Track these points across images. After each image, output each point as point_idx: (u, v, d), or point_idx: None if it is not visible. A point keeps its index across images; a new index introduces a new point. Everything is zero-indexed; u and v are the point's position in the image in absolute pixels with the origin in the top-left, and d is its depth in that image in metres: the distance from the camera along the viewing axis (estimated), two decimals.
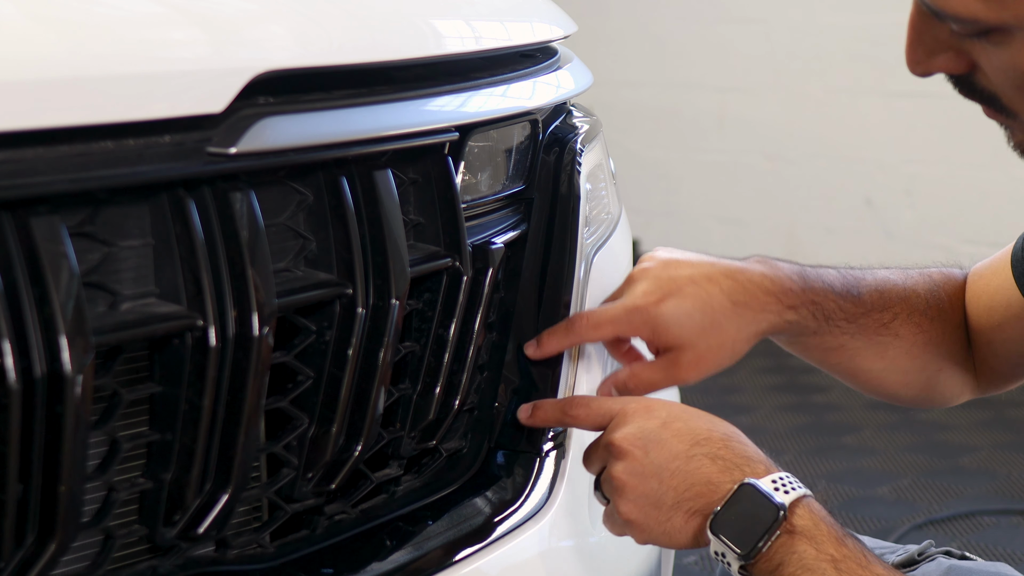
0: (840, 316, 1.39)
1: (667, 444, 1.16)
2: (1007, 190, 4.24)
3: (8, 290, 0.87)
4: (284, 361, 1.08)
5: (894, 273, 1.47)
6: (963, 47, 1.06)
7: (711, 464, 1.15)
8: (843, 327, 1.39)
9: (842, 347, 1.40)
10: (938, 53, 1.08)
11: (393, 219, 1.11)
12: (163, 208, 0.98)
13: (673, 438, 1.17)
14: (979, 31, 1.03)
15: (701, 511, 1.15)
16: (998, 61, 1.04)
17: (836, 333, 1.39)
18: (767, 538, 1.12)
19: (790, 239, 4.78)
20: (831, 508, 3.15)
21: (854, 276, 1.43)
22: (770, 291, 1.34)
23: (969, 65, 1.08)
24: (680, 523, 1.16)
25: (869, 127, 4.55)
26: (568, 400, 1.26)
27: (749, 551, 1.12)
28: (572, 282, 1.34)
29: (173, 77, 0.95)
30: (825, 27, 4.58)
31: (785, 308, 1.35)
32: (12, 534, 0.90)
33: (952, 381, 1.46)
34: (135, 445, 1.01)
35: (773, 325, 1.34)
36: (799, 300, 1.36)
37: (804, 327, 1.37)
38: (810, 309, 1.36)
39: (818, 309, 1.37)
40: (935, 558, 1.41)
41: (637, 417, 1.18)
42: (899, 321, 1.42)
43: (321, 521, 1.16)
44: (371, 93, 1.11)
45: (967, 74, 1.09)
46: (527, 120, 1.35)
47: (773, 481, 1.14)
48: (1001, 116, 1.10)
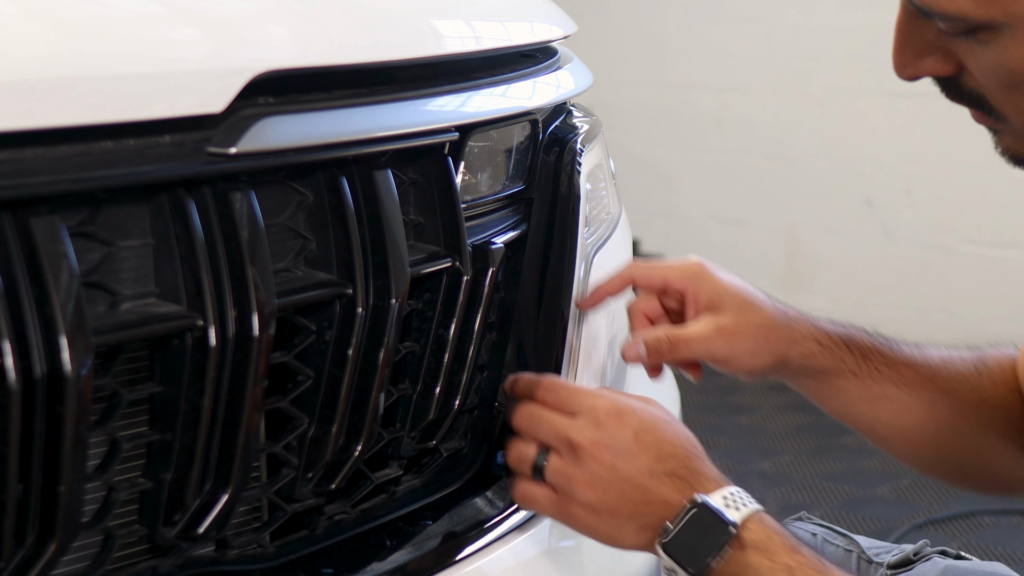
0: (878, 358, 1.37)
1: (635, 458, 1.16)
2: (1007, 190, 4.23)
3: (8, 290, 0.87)
4: (284, 361, 1.08)
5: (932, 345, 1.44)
6: (950, 48, 1.06)
7: (670, 483, 1.16)
8: (884, 372, 1.36)
9: (887, 397, 1.37)
10: (925, 56, 1.08)
11: (393, 219, 1.11)
12: (163, 208, 0.98)
13: (641, 453, 1.16)
14: (967, 29, 1.03)
15: (652, 526, 1.15)
16: (985, 61, 1.04)
17: (878, 378, 1.36)
18: (717, 555, 1.12)
19: (790, 239, 4.78)
20: (831, 508, 3.12)
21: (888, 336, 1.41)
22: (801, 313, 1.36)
23: (956, 67, 1.08)
24: (630, 534, 1.17)
25: (869, 127, 4.55)
26: (541, 380, 1.23)
27: (700, 569, 1.13)
28: (572, 282, 1.34)
29: (173, 77, 0.95)
30: (825, 27, 4.58)
31: (816, 330, 1.35)
32: (12, 534, 0.90)
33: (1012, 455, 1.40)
34: (135, 445, 1.01)
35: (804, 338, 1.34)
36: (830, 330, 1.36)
37: (840, 359, 1.35)
38: (844, 340, 1.36)
39: (852, 343, 1.36)
40: (931, 558, 1.41)
41: (609, 423, 1.17)
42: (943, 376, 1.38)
43: (321, 521, 1.16)
44: (371, 93, 1.11)
45: (954, 77, 1.08)
46: (527, 120, 1.35)
47: (724, 498, 1.15)
48: (989, 119, 1.10)
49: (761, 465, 3.52)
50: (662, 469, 1.16)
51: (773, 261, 4.84)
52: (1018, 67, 1.02)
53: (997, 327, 4.40)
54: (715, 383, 4.25)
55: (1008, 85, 1.04)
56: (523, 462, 1.20)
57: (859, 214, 4.61)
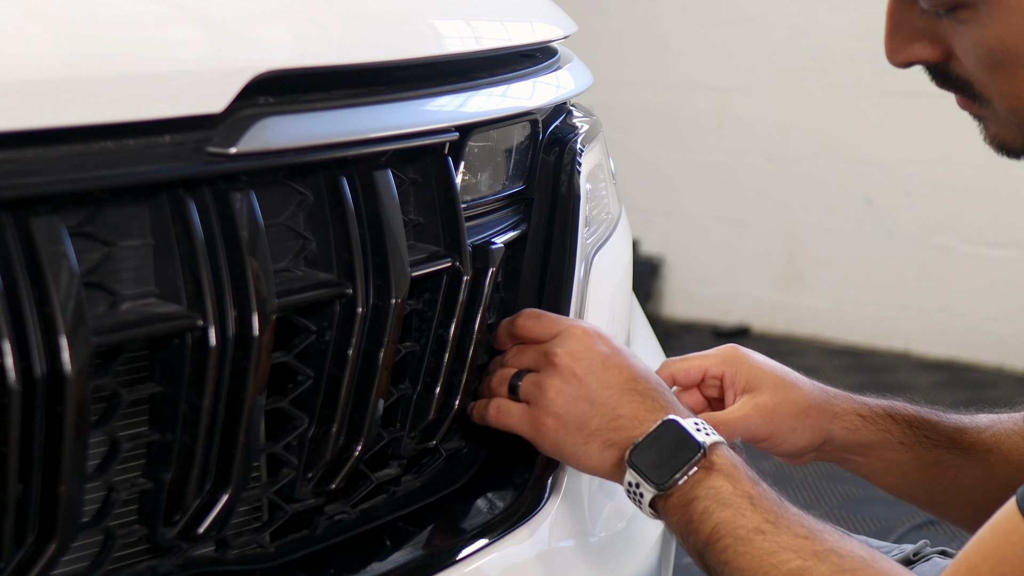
0: (926, 427, 1.36)
1: (606, 373, 1.19)
2: (1007, 190, 4.24)
3: (8, 290, 0.87)
4: (284, 361, 1.08)
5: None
6: (938, 33, 1.07)
7: (641, 401, 1.19)
8: (932, 439, 1.37)
9: (941, 462, 1.37)
10: (915, 41, 1.09)
11: (393, 219, 1.11)
12: (163, 208, 0.98)
13: (614, 368, 1.20)
14: (947, 7, 1.04)
15: (619, 444, 1.18)
16: (967, 41, 1.05)
17: (927, 445, 1.36)
18: (685, 471, 1.14)
19: (790, 239, 4.78)
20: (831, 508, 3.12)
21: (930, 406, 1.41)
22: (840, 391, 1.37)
23: (945, 53, 1.09)
24: (595, 450, 1.19)
25: (869, 127, 4.55)
26: (519, 312, 1.27)
27: (665, 481, 1.14)
28: (572, 282, 1.34)
29: (173, 77, 0.95)
30: (825, 27, 4.58)
31: (857, 403, 1.36)
32: (12, 534, 0.90)
33: None
34: (135, 445, 1.01)
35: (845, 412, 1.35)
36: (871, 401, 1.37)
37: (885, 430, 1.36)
38: (887, 410, 1.36)
39: (896, 414, 1.37)
40: (931, 558, 1.41)
41: (586, 339, 1.21)
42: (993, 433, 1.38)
43: (321, 521, 1.16)
44: (371, 93, 1.11)
45: (943, 63, 1.09)
46: (527, 120, 1.35)
47: (695, 423, 1.17)
48: (975, 105, 1.10)
49: (761, 465, 3.51)
50: (634, 387, 1.19)
51: (773, 261, 4.84)
52: (996, 45, 1.03)
53: (997, 327, 4.40)
54: None
55: (988, 65, 1.05)
56: (501, 381, 1.24)
57: (859, 214, 4.61)
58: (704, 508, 1.13)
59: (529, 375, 1.23)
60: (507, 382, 1.24)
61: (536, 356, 1.23)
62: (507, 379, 1.24)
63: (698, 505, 1.13)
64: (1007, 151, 1.12)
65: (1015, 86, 1.05)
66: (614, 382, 1.19)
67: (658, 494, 1.15)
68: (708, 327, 4.93)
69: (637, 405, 1.18)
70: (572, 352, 1.20)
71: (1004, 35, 1.02)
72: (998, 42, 1.03)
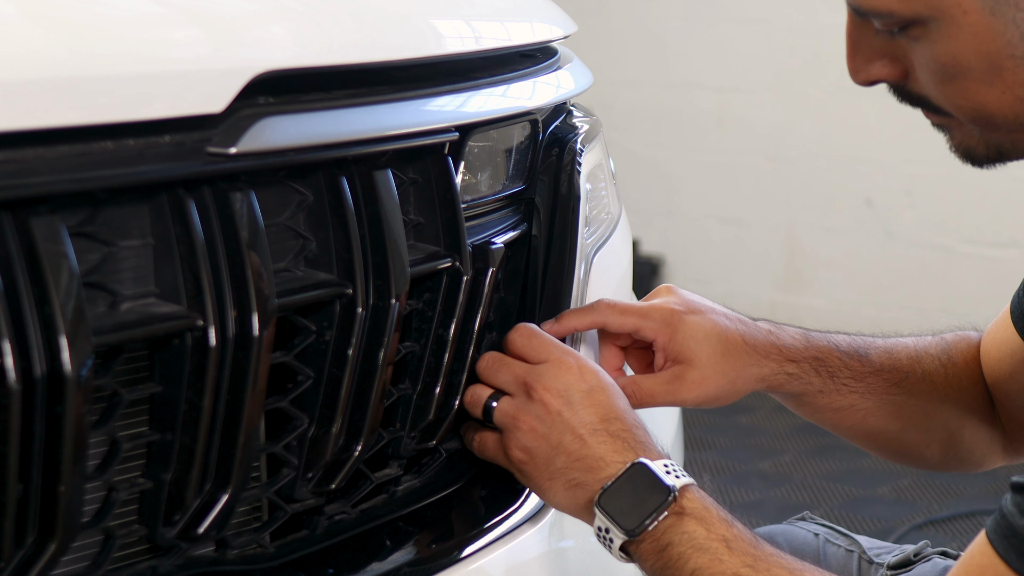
0: (846, 374, 1.39)
1: (581, 411, 1.18)
2: (1007, 190, 4.23)
3: (8, 290, 0.87)
4: (284, 361, 1.08)
5: (906, 338, 1.46)
6: (896, 52, 1.09)
7: (611, 441, 1.18)
8: (850, 385, 1.39)
9: (852, 407, 1.40)
10: (875, 60, 1.11)
11: (393, 219, 1.11)
12: (163, 208, 0.98)
13: (589, 407, 1.19)
14: (899, 26, 1.06)
15: (586, 484, 1.17)
16: (921, 58, 1.06)
17: (844, 392, 1.39)
18: (655, 516, 1.13)
19: (790, 239, 4.78)
20: (832, 508, 3.12)
21: (863, 339, 1.43)
22: (774, 343, 1.36)
23: (903, 72, 1.10)
24: (561, 487, 1.18)
25: (869, 127, 4.55)
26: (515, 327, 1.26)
27: (635, 527, 1.14)
28: (572, 282, 1.34)
29: (173, 77, 0.95)
30: (825, 27, 4.57)
31: (786, 360, 1.36)
32: (12, 534, 0.90)
33: (976, 439, 1.44)
34: (135, 445, 1.01)
35: (774, 373, 1.35)
36: (800, 355, 1.37)
37: (807, 383, 1.37)
38: (812, 364, 1.37)
39: (821, 365, 1.38)
40: (931, 558, 1.41)
41: (568, 374, 1.20)
42: (911, 380, 1.41)
43: (321, 521, 1.16)
44: (371, 93, 1.11)
45: (903, 81, 1.10)
46: (527, 120, 1.35)
47: (665, 465, 1.16)
48: (937, 116, 1.11)
49: (761, 465, 3.52)
50: (606, 428, 1.18)
51: (773, 261, 4.84)
52: (948, 60, 1.04)
53: None
54: None
55: (941, 80, 1.06)
56: (475, 404, 1.23)
57: (859, 214, 4.61)
58: (679, 554, 1.12)
59: (504, 401, 1.21)
60: (481, 404, 1.23)
61: (515, 381, 1.21)
62: (481, 401, 1.23)
63: (673, 551, 1.13)
64: (972, 159, 1.14)
65: (969, 99, 1.06)
66: (587, 420, 1.18)
67: (629, 539, 1.14)
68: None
69: (606, 446, 1.17)
70: (550, 387, 1.19)
71: (954, 50, 1.04)
72: (949, 57, 1.04)
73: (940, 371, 1.43)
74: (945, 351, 1.44)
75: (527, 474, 1.20)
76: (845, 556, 1.46)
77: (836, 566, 1.45)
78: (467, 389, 1.24)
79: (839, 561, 1.45)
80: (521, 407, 1.20)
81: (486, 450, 1.23)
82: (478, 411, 1.23)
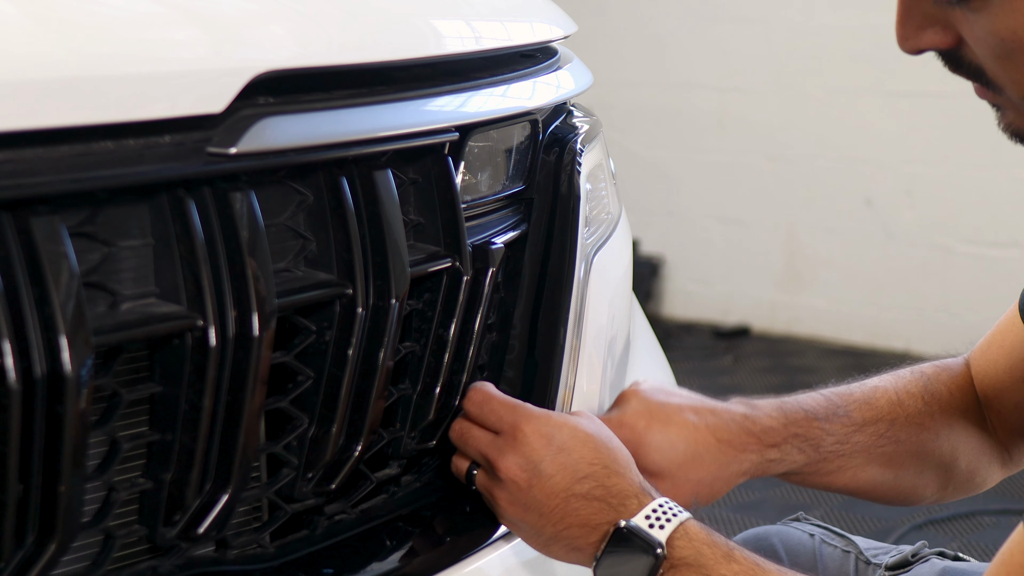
0: (830, 441, 1.36)
1: (550, 481, 1.16)
2: (1007, 190, 4.24)
3: (8, 290, 0.87)
4: (284, 361, 1.08)
5: (883, 379, 1.43)
6: (949, 20, 1.07)
7: (588, 505, 1.15)
8: (837, 450, 1.36)
9: (841, 469, 1.37)
10: (926, 28, 1.08)
11: (393, 219, 1.11)
12: (163, 208, 0.98)
13: (557, 473, 1.16)
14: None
15: (580, 549, 1.16)
16: (979, 29, 1.04)
17: (831, 458, 1.36)
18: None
19: (790, 239, 4.78)
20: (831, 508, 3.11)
21: (839, 395, 1.39)
22: (751, 431, 1.32)
23: (956, 39, 1.08)
24: (561, 553, 1.17)
25: (869, 127, 4.55)
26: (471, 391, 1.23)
27: None
28: (572, 282, 1.34)
29: (173, 77, 0.95)
30: (825, 27, 4.58)
31: (766, 447, 1.33)
32: (12, 534, 0.90)
33: (974, 465, 1.43)
34: (135, 445, 1.01)
35: (756, 465, 1.32)
36: (780, 437, 1.33)
37: (792, 462, 1.34)
38: (794, 443, 1.34)
39: (804, 442, 1.34)
40: (929, 559, 1.41)
41: (527, 444, 1.17)
42: (896, 427, 1.38)
43: (321, 521, 1.16)
44: (371, 93, 1.11)
45: (954, 49, 1.09)
46: (527, 120, 1.35)
47: (647, 516, 1.14)
48: (990, 94, 1.10)
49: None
50: (579, 491, 1.15)
51: (773, 261, 4.84)
52: (1008, 35, 1.02)
53: None
54: (716, 382, 4.25)
55: (1000, 54, 1.04)
56: (459, 474, 1.23)
57: (859, 214, 4.62)
58: None
59: (480, 477, 1.20)
60: (463, 475, 1.22)
61: (480, 456, 1.20)
62: (462, 473, 1.22)
63: None
64: (1022, 139, 1.12)
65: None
66: (559, 489, 1.16)
67: None
68: (708, 327, 4.93)
69: (585, 510, 1.15)
70: (512, 463, 1.17)
71: (1016, 24, 1.01)
72: (1009, 31, 1.02)
73: (924, 411, 1.40)
74: (926, 388, 1.42)
75: (524, 540, 1.20)
76: (842, 557, 1.45)
77: (833, 567, 1.44)
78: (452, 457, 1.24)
79: (836, 562, 1.45)
80: (494, 485, 1.19)
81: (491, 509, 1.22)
82: (463, 481, 1.22)
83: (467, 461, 1.22)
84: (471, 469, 1.21)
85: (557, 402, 1.30)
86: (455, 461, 1.23)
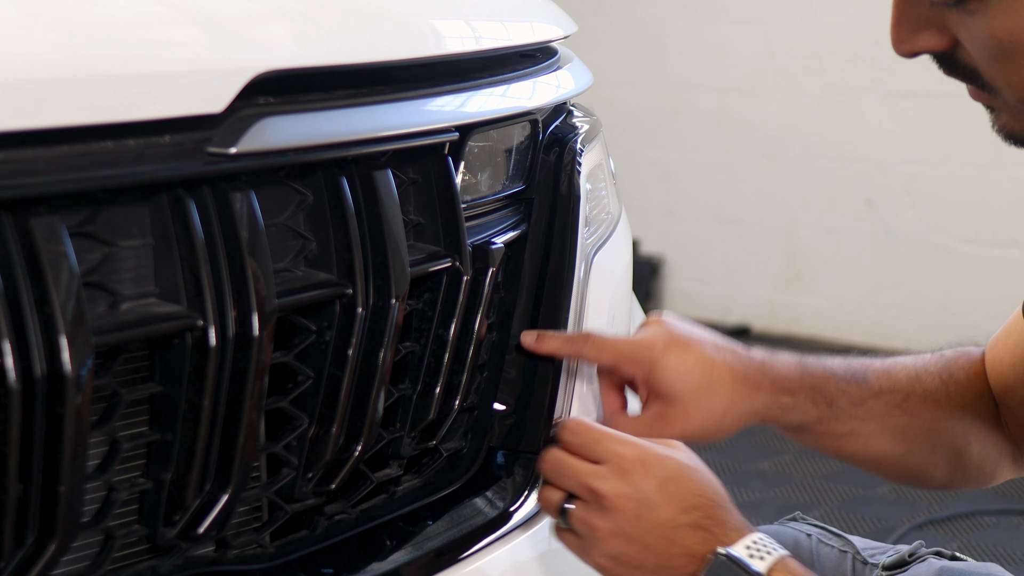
0: (845, 400, 1.35)
1: (659, 510, 1.15)
2: (1007, 190, 4.24)
3: (8, 290, 0.87)
4: (284, 361, 1.08)
5: (905, 357, 1.43)
6: (945, 23, 1.07)
7: (693, 535, 1.15)
8: (850, 411, 1.36)
9: (853, 433, 1.37)
10: (921, 30, 1.08)
11: (393, 219, 1.11)
12: (163, 208, 0.98)
13: (666, 504, 1.15)
14: None
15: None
16: (976, 31, 1.04)
17: (844, 419, 1.35)
18: None
19: (790, 239, 4.78)
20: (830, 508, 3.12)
21: (860, 361, 1.40)
22: (767, 374, 1.32)
23: (951, 42, 1.08)
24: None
25: (869, 127, 4.55)
26: (566, 423, 1.22)
27: None
28: (572, 282, 1.34)
29: (173, 77, 0.95)
30: (825, 27, 4.58)
31: (780, 392, 1.32)
32: (12, 534, 0.90)
33: (984, 455, 1.43)
34: (135, 445, 1.01)
35: (767, 408, 1.32)
36: (796, 386, 1.33)
37: (804, 414, 1.34)
38: (808, 395, 1.34)
39: (818, 395, 1.34)
40: (926, 559, 1.41)
41: (634, 472, 1.16)
42: (912, 401, 1.38)
43: (321, 521, 1.16)
44: (371, 93, 1.11)
45: (950, 51, 1.09)
46: (527, 120, 1.35)
47: (747, 547, 1.14)
48: (985, 95, 1.10)
49: (761, 465, 3.52)
50: (686, 521, 1.15)
51: (773, 261, 4.84)
52: (1005, 36, 1.03)
53: (997, 327, 4.39)
54: None
55: (997, 56, 1.04)
56: (550, 507, 1.20)
57: (859, 214, 4.61)
58: None
59: (579, 510, 1.18)
60: (555, 509, 1.19)
61: (581, 487, 1.17)
62: (554, 506, 1.19)
63: None
64: (1016, 141, 1.12)
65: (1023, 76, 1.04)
66: (666, 519, 1.15)
67: None
68: (708, 327, 4.93)
69: (690, 541, 1.14)
70: (620, 492, 1.15)
71: (1013, 26, 1.01)
72: (1006, 33, 1.02)
73: (942, 389, 1.40)
74: (945, 368, 1.42)
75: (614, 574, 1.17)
76: (839, 557, 1.45)
77: (830, 567, 1.44)
78: (539, 490, 1.22)
79: (833, 562, 1.45)
80: (597, 517, 1.16)
81: (571, 550, 1.20)
82: (554, 515, 1.20)
83: (560, 493, 1.19)
84: (566, 501, 1.19)
85: (557, 402, 1.30)
86: (545, 494, 1.20)
